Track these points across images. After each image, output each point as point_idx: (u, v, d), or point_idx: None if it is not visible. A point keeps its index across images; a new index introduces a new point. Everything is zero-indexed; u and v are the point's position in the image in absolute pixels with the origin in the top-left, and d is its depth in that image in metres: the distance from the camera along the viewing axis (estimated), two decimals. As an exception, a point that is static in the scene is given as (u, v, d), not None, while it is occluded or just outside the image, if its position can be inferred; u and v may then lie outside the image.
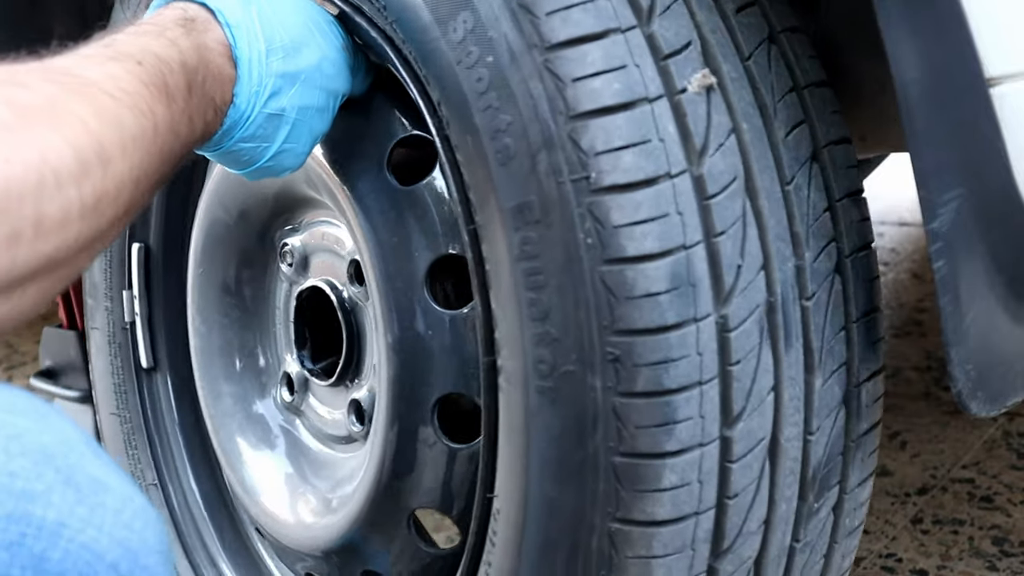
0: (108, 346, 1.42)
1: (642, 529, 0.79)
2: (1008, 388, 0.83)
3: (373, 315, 1.01)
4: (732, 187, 0.81)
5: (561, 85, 0.78)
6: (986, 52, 0.74)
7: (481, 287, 0.86)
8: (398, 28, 0.89)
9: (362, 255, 1.02)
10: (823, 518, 0.89)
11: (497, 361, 0.85)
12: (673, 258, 0.77)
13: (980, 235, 0.78)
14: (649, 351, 0.77)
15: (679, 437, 0.78)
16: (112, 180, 0.75)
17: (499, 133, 0.80)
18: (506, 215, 0.81)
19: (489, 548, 0.88)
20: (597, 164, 0.77)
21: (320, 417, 1.18)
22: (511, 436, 0.84)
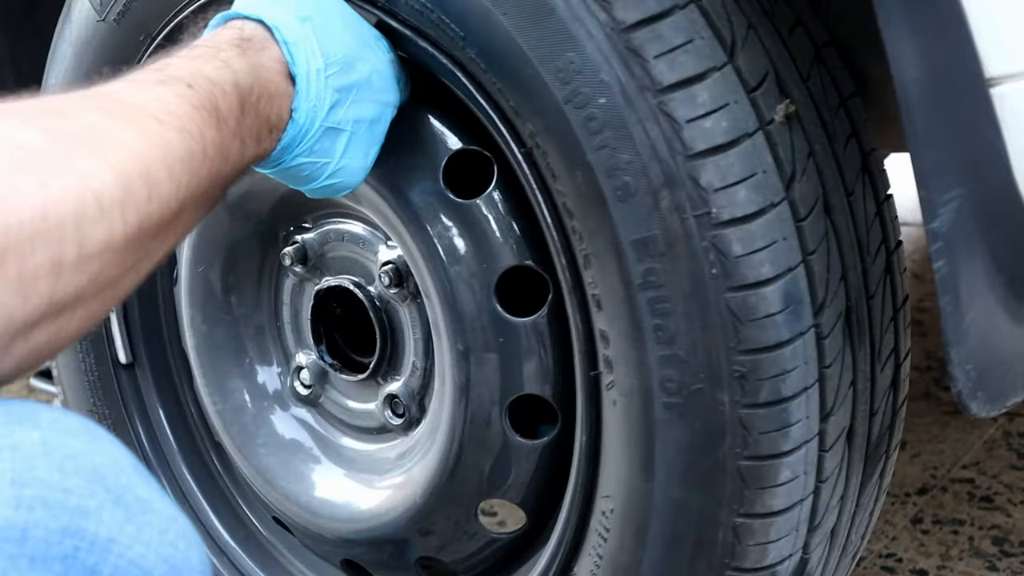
0: (77, 343, 1.39)
1: (762, 520, 0.89)
2: (1008, 388, 0.84)
3: (435, 323, 1.05)
4: (816, 207, 0.90)
5: (677, 126, 0.84)
6: (986, 52, 0.74)
7: (581, 307, 0.92)
8: (479, 59, 0.92)
9: (417, 265, 1.05)
10: (874, 483, 1.02)
11: (605, 377, 0.92)
12: (784, 280, 0.86)
13: (980, 235, 0.79)
14: (770, 366, 0.86)
15: (793, 437, 0.88)
16: (158, 202, 0.76)
17: (617, 171, 0.86)
18: (626, 248, 0.87)
19: (597, 541, 0.96)
20: (717, 200, 0.84)
21: (345, 409, 1.22)
22: (628, 444, 0.91)
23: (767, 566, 0.91)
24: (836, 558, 1.01)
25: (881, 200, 0.98)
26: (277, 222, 1.21)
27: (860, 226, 0.94)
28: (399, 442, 1.18)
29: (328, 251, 1.18)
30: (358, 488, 1.20)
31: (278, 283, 1.24)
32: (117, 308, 1.36)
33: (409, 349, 1.13)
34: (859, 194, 0.95)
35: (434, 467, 1.09)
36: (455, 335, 1.03)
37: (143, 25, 1.18)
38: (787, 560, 0.93)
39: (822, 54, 0.97)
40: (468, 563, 1.14)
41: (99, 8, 1.21)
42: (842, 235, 0.92)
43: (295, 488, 1.23)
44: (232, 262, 1.24)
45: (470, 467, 1.06)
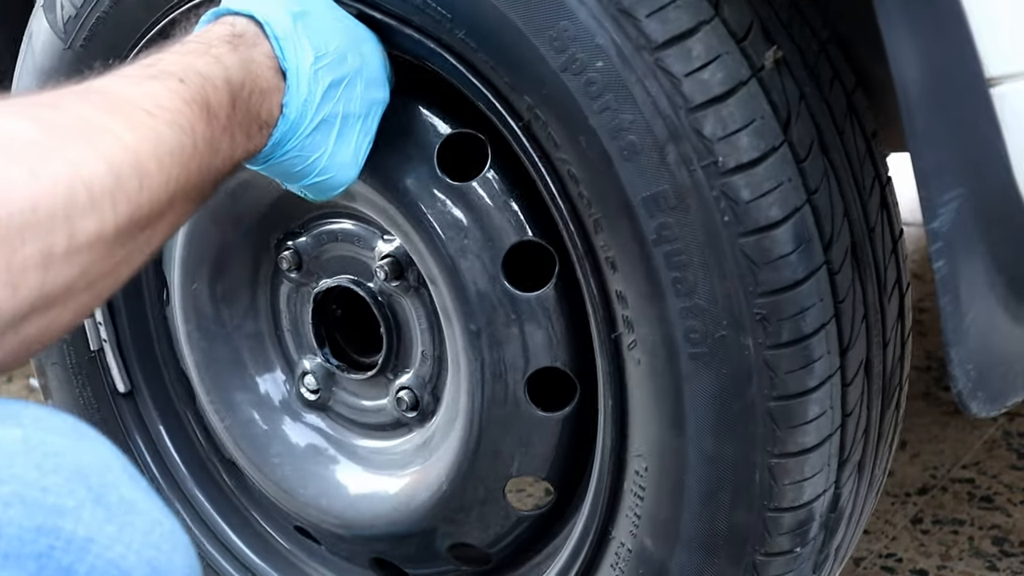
0: (72, 379, 1.38)
1: (795, 458, 0.91)
2: (1008, 388, 0.84)
3: (444, 309, 1.06)
4: (813, 148, 0.92)
5: (676, 81, 0.86)
6: (986, 52, 0.74)
7: (595, 272, 0.94)
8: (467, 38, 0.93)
9: (420, 253, 1.06)
10: (892, 413, 1.04)
11: (626, 337, 0.93)
12: (793, 220, 0.88)
13: (980, 235, 0.78)
14: (789, 305, 0.88)
15: (817, 374, 0.90)
16: (148, 194, 0.75)
17: (621, 132, 0.87)
18: (637, 206, 0.88)
19: (633, 501, 0.97)
20: (721, 149, 0.86)
21: (357, 409, 1.22)
22: (657, 401, 0.92)
23: (804, 503, 0.93)
24: (864, 492, 1.03)
25: (869, 137, 1.00)
26: (267, 230, 1.21)
27: (855, 163, 0.96)
28: (417, 433, 1.18)
29: (323, 253, 1.18)
30: (380, 484, 1.20)
31: (274, 291, 1.24)
32: (111, 339, 1.35)
33: (416, 340, 1.14)
34: (849, 132, 0.97)
35: (457, 451, 1.09)
36: (466, 317, 1.04)
37: (113, 48, 1.18)
38: (822, 496, 0.94)
39: (799, 3, 0.99)
40: (500, 544, 1.15)
41: (63, 36, 1.20)
42: (840, 172, 0.94)
43: (314, 494, 1.23)
44: (225, 275, 1.24)
45: (493, 446, 1.07)
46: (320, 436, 1.25)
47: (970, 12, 0.74)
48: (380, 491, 1.19)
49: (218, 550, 1.36)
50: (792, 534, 0.93)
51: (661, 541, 0.97)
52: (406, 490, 1.17)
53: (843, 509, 0.99)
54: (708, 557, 0.95)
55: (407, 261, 1.10)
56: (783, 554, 0.94)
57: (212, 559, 1.36)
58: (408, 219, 1.05)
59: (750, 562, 0.94)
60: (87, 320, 1.35)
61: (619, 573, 1.01)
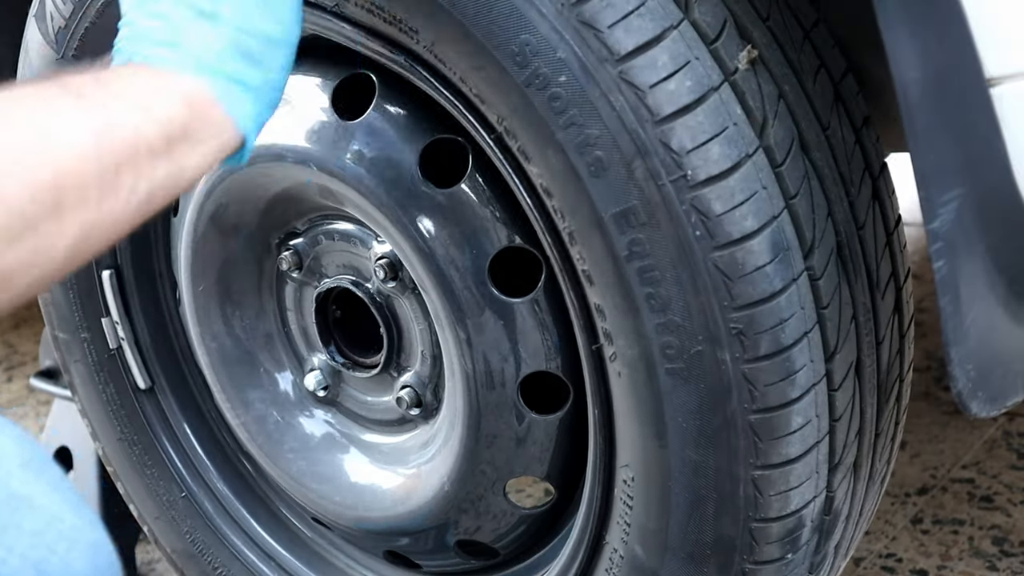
0: (95, 376, 1.40)
1: (780, 469, 0.89)
2: (1008, 388, 0.84)
3: (435, 314, 1.06)
4: (793, 149, 0.89)
5: (640, 93, 0.83)
6: (986, 52, 0.74)
7: (574, 284, 0.92)
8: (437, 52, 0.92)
9: (408, 259, 1.05)
10: (891, 408, 1.02)
11: (607, 349, 0.92)
12: (769, 230, 0.85)
13: (980, 235, 0.78)
14: (767, 317, 0.86)
15: (799, 384, 0.88)
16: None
17: (587, 147, 0.85)
18: (607, 221, 0.86)
19: (623, 510, 0.97)
20: (690, 161, 0.84)
21: (364, 405, 1.23)
22: (639, 413, 0.92)
23: (792, 512, 0.92)
24: (863, 489, 1.01)
25: (859, 127, 0.97)
26: (267, 231, 1.21)
27: (840, 159, 0.93)
28: (422, 431, 1.19)
29: (322, 253, 1.18)
30: (388, 480, 1.21)
31: (279, 290, 1.25)
32: (128, 337, 1.37)
33: (416, 339, 1.14)
34: (835, 126, 0.94)
35: (456, 452, 1.10)
36: (456, 324, 1.03)
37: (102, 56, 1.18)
38: (811, 503, 0.93)
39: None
40: (505, 540, 1.15)
41: (55, 46, 1.20)
42: (823, 172, 0.91)
43: (328, 488, 1.25)
44: (230, 276, 1.25)
45: (490, 448, 1.07)
46: (332, 431, 1.26)
47: (970, 12, 0.74)
48: (388, 487, 1.20)
49: (243, 541, 1.39)
50: (781, 542, 0.93)
51: (651, 550, 0.96)
52: (412, 487, 1.17)
53: (838, 511, 0.98)
54: (697, 566, 0.94)
55: (400, 263, 1.10)
56: (774, 562, 0.93)
57: (237, 549, 1.39)
58: (394, 225, 1.04)
59: (739, 570, 0.93)
60: (103, 320, 1.37)
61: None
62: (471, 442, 1.08)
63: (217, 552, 1.40)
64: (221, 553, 1.40)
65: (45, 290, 0.69)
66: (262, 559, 1.38)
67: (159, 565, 1.67)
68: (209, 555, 1.40)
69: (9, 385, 2.28)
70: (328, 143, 1.07)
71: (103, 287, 1.35)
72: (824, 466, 0.93)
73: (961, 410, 0.82)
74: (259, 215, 1.20)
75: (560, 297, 0.99)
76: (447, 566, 1.23)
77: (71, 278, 1.35)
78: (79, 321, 1.38)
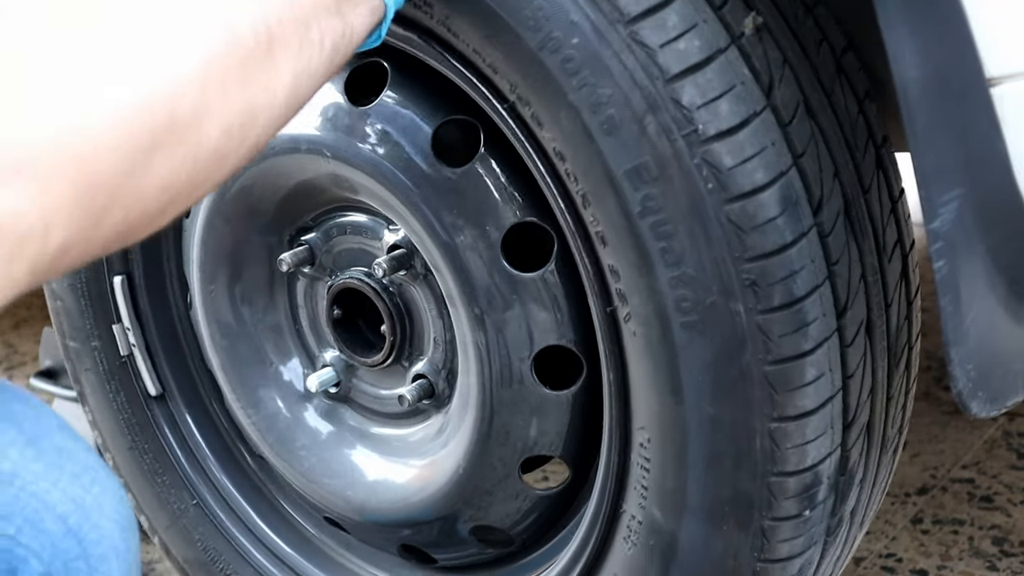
0: (106, 384, 1.41)
1: (796, 422, 0.91)
2: (1008, 388, 0.84)
3: (448, 294, 1.07)
4: (799, 111, 0.91)
5: (651, 52, 0.86)
6: (986, 52, 0.74)
7: (587, 247, 0.94)
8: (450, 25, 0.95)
9: (422, 240, 1.07)
10: (901, 375, 1.03)
11: (621, 310, 0.94)
12: (779, 184, 0.88)
13: (980, 235, 0.79)
14: (778, 269, 0.88)
15: (812, 336, 0.90)
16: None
17: (600, 106, 0.88)
18: (620, 179, 0.89)
19: (640, 474, 0.98)
20: (701, 116, 0.86)
21: (377, 398, 1.24)
22: (654, 371, 0.93)
23: (809, 467, 0.93)
24: (876, 453, 1.03)
25: (861, 98, 0.99)
26: (280, 227, 1.23)
27: (845, 124, 0.96)
28: (434, 419, 1.20)
29: (334, 246, 1.20)
30: (402, 471, 1.21)
31: (290, 286, 1.26)
32: (140, 343, 1.39)
33: (428, 326, 1.15)
34: (839, 94, 0.97)
35: (470, 434, 1.11)
36: (469, 301, 1.05)
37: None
38: (827, 459, 0.94)
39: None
40: (521, 525, 1.16)
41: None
42: (828, 135, 0.94)
43: (340, 483, 1.25)
44: (241, 274, 1.26)
45: (504, 426, 1.08)
46: (344, 427, 1.27)
47: (970, 12, 0.74)
48: (402, 478, 1.21)
49: (253, 544, 1.38)
50: (799, 498, 0.93)
51: (669, 511, 0.97)
52: (427, 475, 1.18)
53: (853, 471, 0.99)
54: (716, 524, 0.95)
55: (413, 249, 1.12)
56: (791, 518, 0.94)
57: (247, 553, 1.38)
58: (407, 206, 1.06)
59: (758, 527, 0.94)
60: (114, 326, 1.38)
61: (631, 546, 1.01)
62: (485, 421, 1.09)
63: (229, 558, 1.40)
64: (233, 559, 1.39)
65: (263, 145, 0.74)
66: (274, 563, 1.37)
67: (159, 565, 1.66)
68: (221, 561, 1.40)
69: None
70: (342, 129, 1.09)
71: (114, 293, 1.37)
72: (839, 422, 0.94)
73: (961, 410, 0.82)
74: (272, 211, 1.22)
75: (571, 270, 1.01)
76: (463, 557, 1.23)
77: (83, 284, 1.37)
78: (90, 328, 1.39)
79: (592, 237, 0.94)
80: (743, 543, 0.95)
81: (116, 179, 0.65)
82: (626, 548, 1.02)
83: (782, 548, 0.95)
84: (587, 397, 1.06)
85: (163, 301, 1.39)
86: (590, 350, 1.03)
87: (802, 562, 0.97)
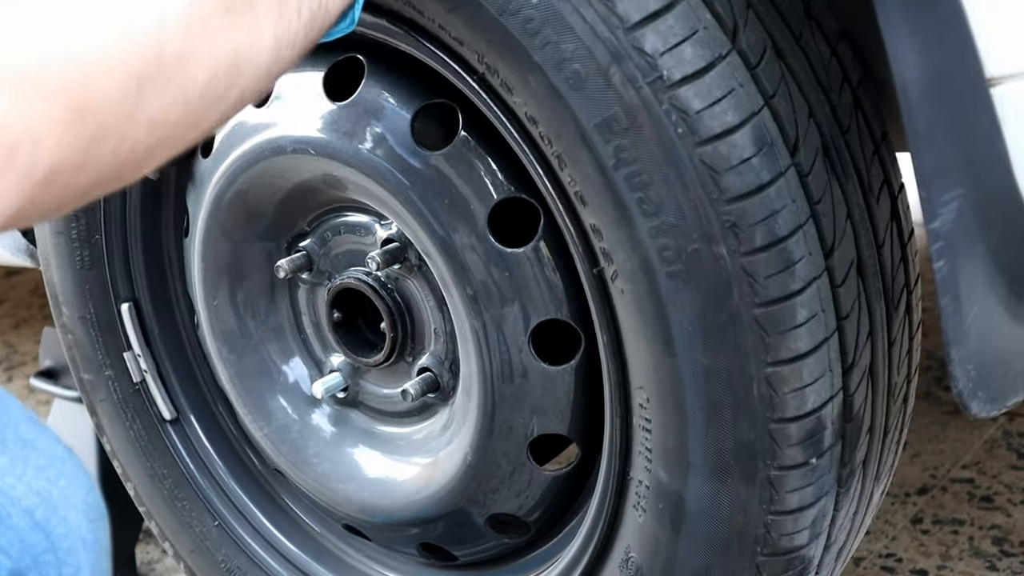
0: (122, 413, 1.42)
1: (791, 365, 0.89)
2: (1008, 388, 0.84)
3: (442, 279, 1.07)
4: (767, 54, 0.91)
5: (610, 3, 0.86)
6: (986, 52, 0.74)
7: (568, 210, 0.94)
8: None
9: (412, 228, 1.07)
10: (902, 319, 1.02)
11: (607, 269, 0.93)
12: (751, 124, 0.87)
13: (980, 235, 0.78)
14: (758, 208, 0.87)
15: (799, 275, 0.88)
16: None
17: (564, 63, 0.88)
18: (591, 133, 0.88)
19: (643, 437, 0.97)
20: (665, 62, 0.86)
21: (385, 399, 1.23)
22: (645, 326, 0.92)
23: (810, 411, 0.91)
24: (884, 401, 1.01)
25: (833, 40, 0.99)
26: (277, 233, 1.24)
27: (817, 66, 0.95)
28: (441, 413, 1.19)
29: (330, 249, 1.20)
30: (414, 469, 1.21)
31: (292, 294, 1.27)
32: (151, 369, 1.39)
33: (428, 319, 1.15)
34: (808, 37, 0.96)
35: (476, 420, 1.10)
36: (462, 284, 1.05)
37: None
38: (829, 403, 0.93)
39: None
40: (536, 511, 1.14)
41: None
42: (799, 76, 0.93)
43: (354, 487, 1.25)
44: (243, 285, 1.27)
45: (508, 407, 1.07)
46: (354, 430, 1.27)
47: (970, 12, 0.74)
48: (414, 476, 1.20)
49: (277, 560, 1.38)
50: (803, 445, 0.92)
51: (674, 470, 0.96)
52: (437, 469, 1.17)
53: (860, 418, 0.97)
54: (721, 479, 0.94)
55: (406, 241, 1.12)
56: (798, 467, 0.92)
57: (269, 568, 1.38)
58: (395, 197, 1.07)
59: (764, 478, 0.92)
60: (125, 354, 1.39)
61: (641, 512, 1.00)
62: (489, 404, 1.08)
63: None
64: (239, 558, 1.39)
65: (249, 99, 0.77)
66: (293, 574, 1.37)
67: (159, 565, 1.66)
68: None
69: (9, 385, 2.29)
70: (325, 126, 1.10)
71: (123, 320, 1.38)
72: (837, 365, 0.93)
73: (961, 410, 0.82)
74: (268, 218, 1.23)
75: (560, 241, 1.01)
76: (482, 551, 1.21)
77: (92, 314, 1.38)
78: (102, 359, 1.40)
79: (572, 199, 0.93)
80: (751, 496, 0.93)
81: (106, 106, 0.67)
82: (637, 516, 1.01)
83: (791, 499, 0.93)
84: (588, 371, 1.05)
85: (171, 324, 1.40)
86: (586, 322, 1.03)
87: (815, 514, 0.95)
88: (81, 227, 1.33)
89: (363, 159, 1.08)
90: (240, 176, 1.18)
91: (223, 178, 1.20)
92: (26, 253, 1.47)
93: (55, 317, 1.42)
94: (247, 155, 1.17)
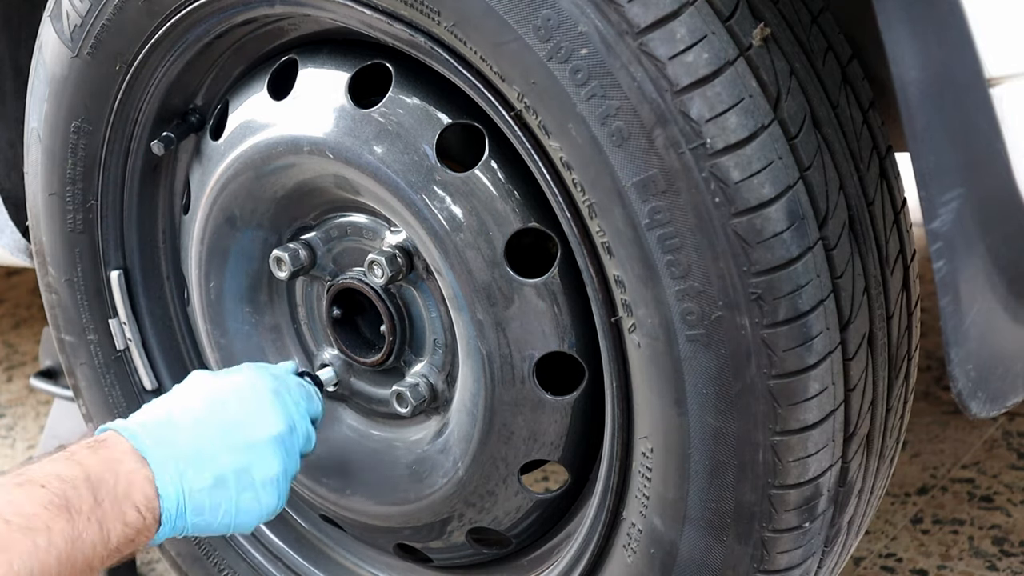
0: (101, 379, 1.41)
1: (798, 435, 0.91)
2: (1008, 388, 0.84)
3: (451, 297, 1.07)
4: (805, 124, 0.91)
5: (660, 64, 0.86)
6: (986, 52, 0.75)
7: (592, 258, 0.94)
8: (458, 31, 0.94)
9: (425, 244, 1.07)
10: (900, 385, 1.04)
11: (626, 320, 0.94)
12: (786, 198, 0.88)
13: (980, 235, 0.78)
14: (784, 283, 0.88)
15: (816, 350, 0.90)
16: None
17: (608, 118, 0.87)
18: (628, 191, 0.89)
19: (642, 483, 0.98)
20: (709, 130, 0.86)
21: (375, 399, 1.23)
22: (658, 382, 0.93)
23: (810, 479, 0.93)
24: (875, 464, 1.03)
25: (866, 108, 0.99)
26: (280, 226, 1.23)
27: (850, 136, 0.96)
28: (433, 421, 1.20)
29: (334, 246, 1.20)
30: (399, 472, 1.21)
31: (289, 286, 1.26)
32: (136, 338, 1.38)
33: (428, 328, 1.15)
34: (844, 105, 0.97)
35: (470, 437, 1.11)
36: (472, 305, 1.05)
37: (119, 55, 1.20)
38: (828, 471, 0.95)
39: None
40: (519, 528, 1.16)
41: (71, 44, 1.22)
42: (834, 147, 0.94)
43: (338, 483, 1.25)
44: (241, 271, 1.26)
45: (504, 430, 1.08)
46: (342, 426, 1.27)
47: (970, 12, 0.74)
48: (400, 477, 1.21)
49: (249, 541, 1.38)
50: (799, 510, 0.94)
51: (670, 521, 0.97)
52: (424, 476, 1.18)
53: (852, 483, 0.99)
54: (717, 535, 0.96)
55: (415, 250, 1.12)
56: (792, 530, 0.95)
57: (243, 550, 1.38)
58: (410, 210, 1.06)
59: (759, 539, 0.94)
60: (111, 321, 1.38)
61: (631, 553, 1.02)
62: (485, 424, 1.09)
63: (223, 553, 1.39)
64: (227, 554, 1.39)
65: None
66: (269, 559, 1.37)
67: (159, 565, 1.66)
68: (215, 557, 1.40)
69: (9, 385, 2.27)
70: (345, 131, 1.09)
71: (111, 288, 1.36)
72: (840, 435, 0.95)
73: (961, 410, 0.82)
74: (272, 210, 1.21)
75: (573, 276, 1.01)
76: (459, 558, 1.23)
77: (80, 279, 1.36)
78: (86, 323, 1.38)
79: (598, 247, 0.94)
80: (743, 554, 0.95)
81: None
82: (626, 556, 1.02)
83: (781, 559, 0.96)
84: (588, 403, 1.07)
85: (160, 296, 1.39)
86: (592, 357, 1.04)
87: (800, 573, 0.98)
88: (77, 191, 1.31)
89: (382, 169, 1.07)
90: (250, 165, 1.17)
91: (233, 165, 1.18)
92: (26, 253, 1.45)
93: (39, 276, 1.39)
94: (261, 147, 1.15)
